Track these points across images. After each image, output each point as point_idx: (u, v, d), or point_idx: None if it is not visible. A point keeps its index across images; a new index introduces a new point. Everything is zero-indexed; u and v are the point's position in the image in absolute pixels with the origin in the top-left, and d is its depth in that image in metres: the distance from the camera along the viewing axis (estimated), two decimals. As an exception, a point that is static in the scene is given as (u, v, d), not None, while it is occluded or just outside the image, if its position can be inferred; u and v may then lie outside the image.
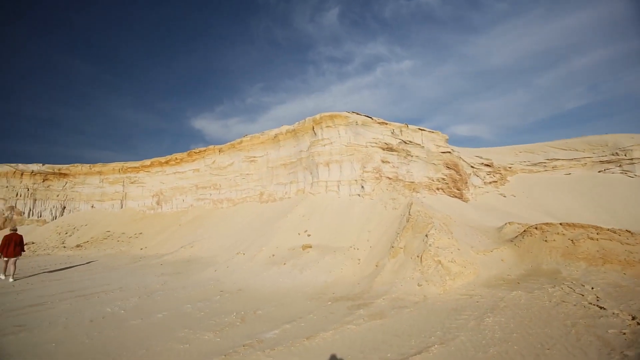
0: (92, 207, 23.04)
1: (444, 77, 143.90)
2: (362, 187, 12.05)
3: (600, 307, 4.21)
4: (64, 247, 18.29)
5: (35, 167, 22.31)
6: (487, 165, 15.98)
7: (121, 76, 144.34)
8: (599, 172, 14.99)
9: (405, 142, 13.56)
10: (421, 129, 14.20)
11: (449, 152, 14.05)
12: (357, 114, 14.27)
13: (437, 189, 13.21)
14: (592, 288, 4.90)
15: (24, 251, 10.34)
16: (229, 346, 4.14)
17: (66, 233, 20.21)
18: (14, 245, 9.53)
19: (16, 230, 10.32)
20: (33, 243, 19.13)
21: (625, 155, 14.50)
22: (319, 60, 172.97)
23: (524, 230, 7.31)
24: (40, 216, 21.99)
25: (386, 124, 13.67)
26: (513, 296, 5.05)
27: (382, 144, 13.01)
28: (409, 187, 12.44)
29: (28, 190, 21.88)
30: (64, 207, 22.95)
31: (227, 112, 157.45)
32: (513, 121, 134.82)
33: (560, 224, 6.76)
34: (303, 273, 7.63)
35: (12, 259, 9.42)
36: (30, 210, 21.77)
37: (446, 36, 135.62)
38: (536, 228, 7.02)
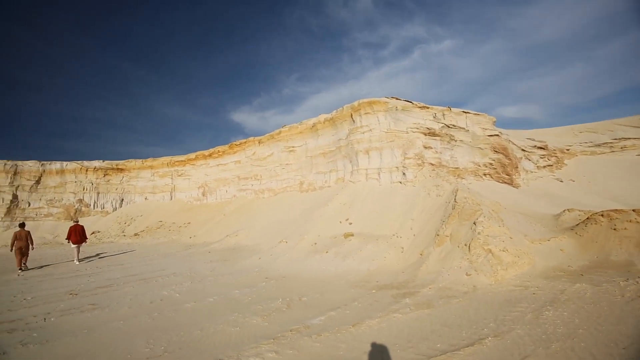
0: (145, 199, 24.87)
1: (489, 55, 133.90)
2: (404, 174, 11.70)
3: (686, 303, 3.72)
4: (124, 235, 20.04)
5: (97, 163, 24.47)
6: (541, 148, 14.72)
7: (166, 76, 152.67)
8: (679, 151, 13.18)
9: (449, 126, 12.89)
10: (465, 112, 13.39)
11: (497, 135, 13.13)
12: (397, 99, 13.80)
13: (484, 174, 12.46)
14: (674, 282, 4.35)
15: (86, 239, 12.21)
16: (276, 331, 4.27)
17: (125, 223, 22.10)
18: (78, 234, 11.46)
19: (78, 221, 12.47)
20: (99, 232, 21.21)
21: None
22: (353, 47, 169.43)
23: (588, 218, 6.65)
24: (103, 208, 24.18)
25: (427, 108, 13.06)
26: (576, 289, 4.64)
27: (424, 129, 12.49)
28: (453, 173, 11.86)
29: (92, 184, 24.10)
30: (122, 199, 25.01)
31: (264, 104, 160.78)
32: (570, 99, 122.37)
33: (634, 210, 6.05)
34: (345, 261, 7.64)
35: (79, 246, 11.40)
36: (94, 202, 24.01)
37: (490, 10, 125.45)
38: (602, 215, 6.35)
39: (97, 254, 13.28)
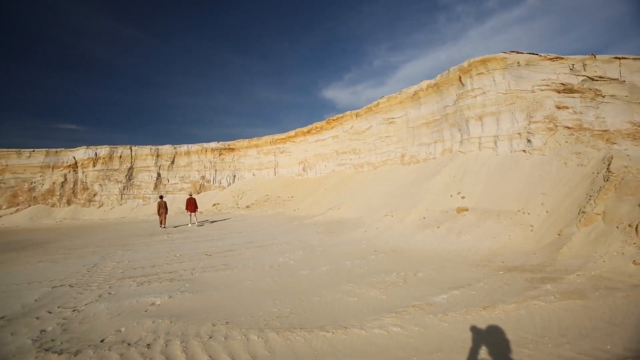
0: (253, 175, 27.67)
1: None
2: (529, 141, 9.93)
3: None
4: (238, 207, 22.79)
5: (213, 144, 28.15)
6: None
7: (261, 61, 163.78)
8: None
9: (592, 79, 10.26)
10: (619, 58, 10.40)
11: (672, 83, 9.89)
12: (518, 52, 11.62)
13: (648, 137, 9.63)
14: None
15: (198, 208, 15.84)
16: (396, 305, 4.14)
17: (238, 196, 25.10)
18: (193, 204, 15.22)
19: (191, 194, 16.87)
20: (218, 204, 24.65)
21: None
22: (451, 3, 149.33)
23: None
24: (220, 183, 27.92)
25: (561, 59, 10.61)
26: None
27: (557, 86, 10.24)
28: (601, 137, 9.50)
29: (211, 163, 27.95)
30: (235, 175, 28.37)
31: (355, 78, 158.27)
32: None
33: None
34: (461, 237, 7.00)
35: (193, 213, 15.15)
36: (213, 178, 27.89)
37: None
38: None
39: (213, 221, 15.51)
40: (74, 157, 24.93)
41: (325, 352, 3.14)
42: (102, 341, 3.56)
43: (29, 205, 23.35)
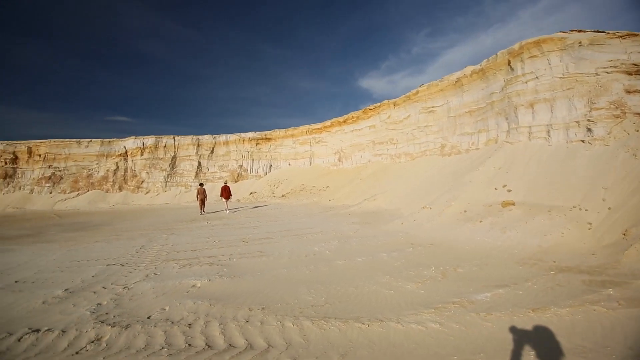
0: (288, 164, 27.99)
1: None
2: (589, 130, 8.98)
3: None
4: (274, 196, 23.23)
5: (250, 134, 28.78)
6: None
7: (297, 51, 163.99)
8: None
9: (672, 59, 8.99)
10: None
11: None
12: (580, 31, 10.49)
13: None
14: None
15: (231, 195, 16.84)
16: (435, 300, 3.96)
17: (274, 185, 25.57)
18: (227, 192, 16.04)
19: (226, 182, 17.78)
20: (255, 192, 25.30)
21: None
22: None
23: None
24: (257, 172, 28.58)
25: (635, 35, 9.39)
26: None
27: (628, 67, 9.09)
28: (678, 125, 8.35)
29: (248, 152, 28.65)
30: (271, 165, 28.88)
31: (392, 67, 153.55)
32: None
33: None
34: (506, 233, 6.54)
35: (226, 200, 16.05)
36: (250, 167, 28.61)
37: None
38: None
39: (254, 207, 15.91)
40: (125, 147, 26.81)
41: (360, 344, 3.07)
42: (148, 318, 3.78)
43: (87, 191, 25.60)
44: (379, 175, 17.13)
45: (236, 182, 27.29)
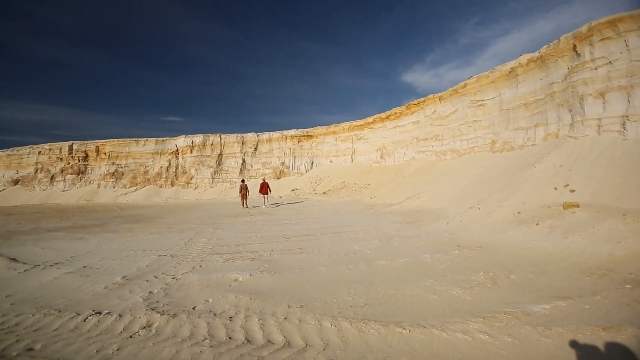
0: (330, 161, 27.97)
1: None
2: (674, 122, 7.80)
3: None
4: (315, 193, 23.36)
5: (292, 132, 29.20)
6: None
7: (339, 47, 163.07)
8: None
9: None
10: None
11: None
12: (664, 7, 9.12)
13: None
14: None
15: (270, 191, 17.69)
16: (484, 309, 3.65)
17: (315, 182, 25.72)
18: (265, 188, 16.98)
19: (264, 179, 18.80)
20: (296, 189, 25.66)
21: None
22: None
23: None
24: (299, 169, 28.96)
25: None
26: None
27: None
28: None
29: (290, 149, 29.13)
30: (312, 162, 29.09)
31: (438, 59, 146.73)
32: None
33: None
34: (568, 238, 5.88)
35: (265, 196, 16.96)
36: (292, 164, 29.06)
37: None
38: None
39: (296, 202, 16.10)
40: (176, 145, 28.69)
41: (401, 350, 2.91)
42: (193, 308, 3.94)
43: (144, 186, 27.87)
44: (422, 172, 16.46)
45: (278, 179, 27.91)
